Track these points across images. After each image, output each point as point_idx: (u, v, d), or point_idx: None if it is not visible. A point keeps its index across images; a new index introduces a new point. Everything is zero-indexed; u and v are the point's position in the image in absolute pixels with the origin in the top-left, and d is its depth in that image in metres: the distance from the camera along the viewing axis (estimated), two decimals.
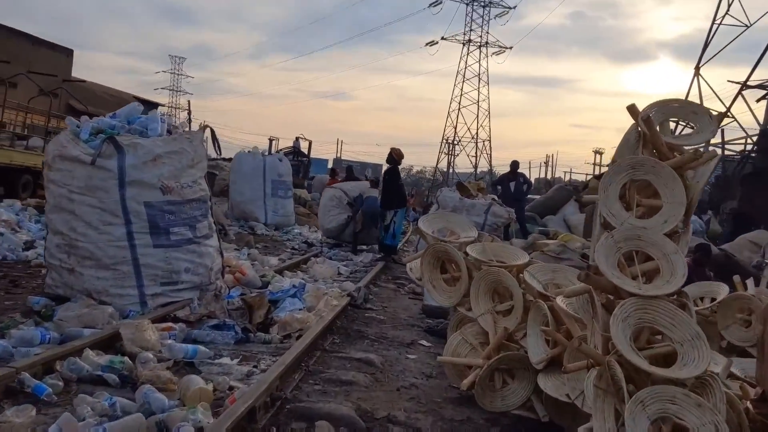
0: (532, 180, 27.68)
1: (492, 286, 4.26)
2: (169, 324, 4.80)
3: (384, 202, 10.88)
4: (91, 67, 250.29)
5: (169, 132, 5.85)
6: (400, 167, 11.45)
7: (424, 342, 5.53)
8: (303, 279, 8.04)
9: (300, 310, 5.75)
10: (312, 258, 10.13)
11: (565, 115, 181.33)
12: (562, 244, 9.66)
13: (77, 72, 31.33)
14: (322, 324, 5.17)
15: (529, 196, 16.23)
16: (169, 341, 4.46)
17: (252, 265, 8.35)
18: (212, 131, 6.11)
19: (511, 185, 13.81)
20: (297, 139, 28.96)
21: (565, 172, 51.54)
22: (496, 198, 12.65)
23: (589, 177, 39.74)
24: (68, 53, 31.43)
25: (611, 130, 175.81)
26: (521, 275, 4.26)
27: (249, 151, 15.52)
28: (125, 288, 5.33)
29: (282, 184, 14.99)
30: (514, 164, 14.50)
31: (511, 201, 13.01)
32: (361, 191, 12.44)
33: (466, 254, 4.48)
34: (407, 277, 7.40)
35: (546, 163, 52.30)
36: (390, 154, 10.87)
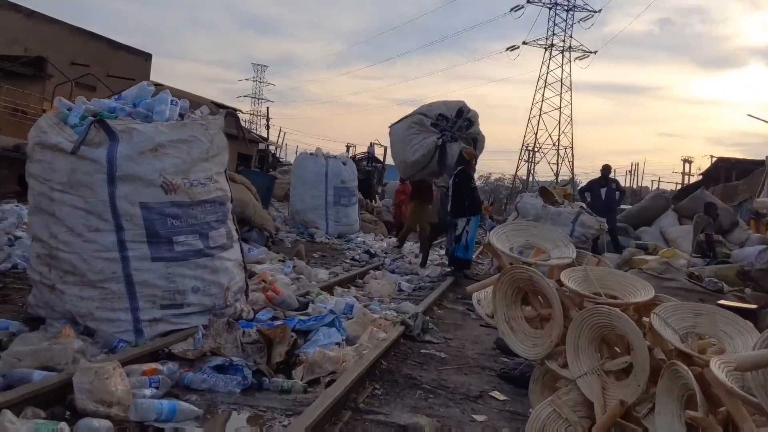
0: None
1: (600, 333, 2.86)
2: (154, 366, 3.60)
3: (454, 208, 9.40)
4: (177, 75, 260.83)
5: (181, 117, 4.73)
6: (475, 171, 10.01)
7: (496, 394, 4.14)
8: (355, 297, 6.84)
9: (336, 344, 4.47)
10: (371, 271, 8.93)
11: (651, 123, 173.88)
12: (665, 260, 8.24)
13: (164, 79, 31.78)
14: (360, 368, 3.87)
15: (621, 205, 14.52)
16: (146, 392, 3.28)
17: (297, 280, 7.20)
18: (236, 118, 4.92)
19: (602, 192, 12.26)
20: (371, 144, 28.39)
21: (652, 181, 48.50)
22: (584, 206, 11.22)
23: (678, 186, 36.76)
24: (146, 57, 31.65)
25: (700, 139, 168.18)
26: (644, 319, 2.85)
27: (311, 153, 14.56)
28: (115, 311, 4.21)
29: (345, 191, 13.93)
30: (606, 169, 12.84)
31: (602, 210, 11.56)
32: (443, 112, 10.14)
33: (560, 283, 3.09)
34: None
35: (631, 171, 49.30)
36: (460, 154, 9.42)
